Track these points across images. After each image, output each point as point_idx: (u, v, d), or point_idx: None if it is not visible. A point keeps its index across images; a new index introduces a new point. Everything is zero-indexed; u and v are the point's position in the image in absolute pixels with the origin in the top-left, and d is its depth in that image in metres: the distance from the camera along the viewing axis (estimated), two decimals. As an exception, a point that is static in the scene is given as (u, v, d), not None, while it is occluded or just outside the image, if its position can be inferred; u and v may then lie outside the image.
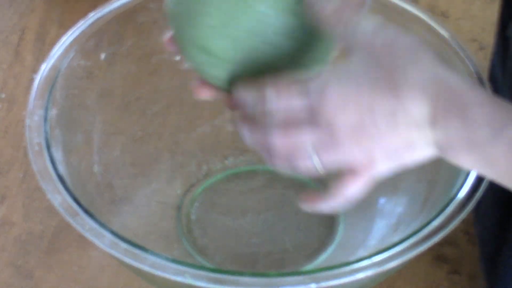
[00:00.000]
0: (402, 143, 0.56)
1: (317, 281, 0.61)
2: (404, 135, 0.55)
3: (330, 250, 0.82)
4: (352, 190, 0.59)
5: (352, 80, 0.55)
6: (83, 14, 0.84)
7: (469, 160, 0.54)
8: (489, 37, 0.87)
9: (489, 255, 0.79)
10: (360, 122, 0.55)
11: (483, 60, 1.01)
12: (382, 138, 0.55)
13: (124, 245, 0.64)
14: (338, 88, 0.55)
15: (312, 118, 0.56)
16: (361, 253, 0.64)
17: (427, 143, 0.55)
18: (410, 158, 0.57)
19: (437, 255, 0.87)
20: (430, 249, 0.86)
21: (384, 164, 0.57)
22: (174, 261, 0.63)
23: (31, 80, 0.77)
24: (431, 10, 1.15)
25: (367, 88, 0.55)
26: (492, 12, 0.87)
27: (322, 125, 0.56)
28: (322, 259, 0.80)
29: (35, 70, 0.80)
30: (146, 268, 0.63)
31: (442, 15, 1.14)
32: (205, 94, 0.65)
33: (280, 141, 0.58)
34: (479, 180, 0.68)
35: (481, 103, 0.53)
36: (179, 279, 0.62)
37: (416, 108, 0.54)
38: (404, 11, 0.85)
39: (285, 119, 0.57)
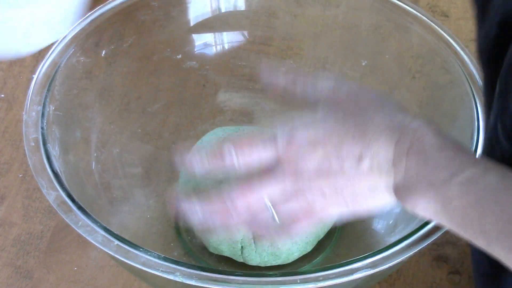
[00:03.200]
0: (366, 187, 0.57)
1: (315, 281, 0.61)
2: (369, 179, 0.57)
3: (327, 250, 0.81)
4: (301, 229, 0.60)
5: (320, 127, 0.57)
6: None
7: (425, 204, 0.55)
8: (489, 37, 0.87)
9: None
10: (327, 166, 0.56)
11: (484, 60, 1.01)
12: (348, 182, 0.57)
13: (116, 243, 0.64)
14: (306, 134, 0.56)
15: (278, 167, 0.57)
16: (359, 253, 0.64)
17: (388, 187, 0.57)
18: (371, 202, 0.58)
19: (437, 255, 0.87)
20: (430, 249, 0.86)
21: (343, 207, 0.58)
22: (166, 259, 0.63)
23: (31, 80, 0.77)
24: (431, 10, 1.15)
25: (336, 134, 0.56)
26: (492, 12, 0.87)
27: (288, 172, 0.57)
28: (319, 260, 0.80)
29: (34, 70, 0.80)
30: (137, 266, 0.63)
31: (442, 15, 1.14)
32: None
33: (240, 203, 0.59)
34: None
35: (441, 146, 0.55)
36: (170, 277, 0.62)
37: (383, 151, 0.56)
38: (404, 11, 0.85)
39: (246, 174, 0.59)
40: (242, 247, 0.77)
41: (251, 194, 0.59)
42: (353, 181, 0.57)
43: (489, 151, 0.61)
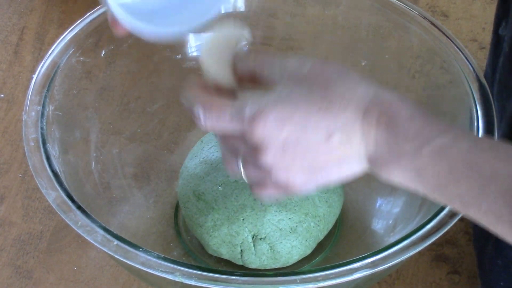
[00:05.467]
0: (335, 159, 0.56)
1: (314, 281, 0.61)
2: (339, 151, 0.56)
3: (327, 250, 0.81)
4: (268, 197, 0.60)
5: (286, 103, 0.56)
6: (82, 13, 0.84)
7: (399, 173, 0.55)
8: (489, 37, 0.87)
9: (479, 251, 0.80)
10: (294, 142, 0.56)
11: (483, 60, 1.01)
12: (316, 155, 0.56)
13: (116, 242, 0.64)
14: (272, 111, 0.56)
15: (246, 140, 0.57)
16: (359, 253, 0.64)
17: (359, 157, 0.56)
18: (340, 173, 0.57)
19: (437, 255, 0.87)
20: (430, 249, 0.86)
21: (310, 178, 0.58)
22: (165, 259, 0.63)
23: (31, 80, 0.77)
24: (431, 10, 1.15)
25: (303, 107, 0.56)
26: (492, 12, 0.87)
27: (255, 143, 0.56)
28: (319, 260, 0.80)
29: (34, 70, 0.80)
30: (137, 265, 0.62)
31: (442, 15, 1.14)
32: (119, 31, 0.67)
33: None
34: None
35: (411, 116, 0.55)
36: (170, 277, 0.62)
37: (351, 122, 0.55)
38: (404, 11, 0.85)
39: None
40: (241, 250, 0.77)
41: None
42: (322, 154, 0.56)
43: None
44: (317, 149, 0.56)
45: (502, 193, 0.51)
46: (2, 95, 1.03)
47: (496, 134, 0.73)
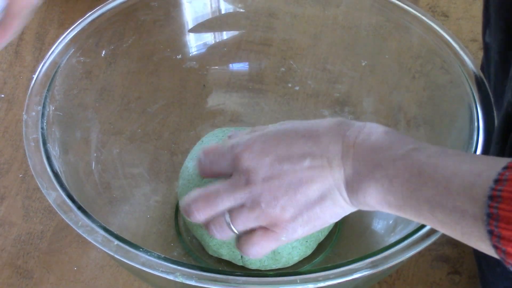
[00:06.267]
0: (318, 188, 0.60)
1: (314, 281, 0.61)
2: (321, 176, 0.59)
3: (327, 250, 0.81)
4: (257, 253, 0.63)
5: (271, 135, 0.62)
6: (83, 14, 0.84)
7: (373, 187, 0.58)
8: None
9: (478, 257, 0.80)
10: (279, 170, 0.60)
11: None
12: (300, 183, 0.60)
13: (116, 242, 0.64)
14: (258, 142, 0.61)
15: (233, 177, 0.62)
16: (359, 253, 0.64)
17: (337, 184, 0.59)
18: (322, 207, 0.60)
19: (437, 255, 0.87)
20: (430, 249, 0.86)
21: (297, 213, 0.60)
22: (166, 259, 0.63)
23: (31, 80, 0.77)
24: (431, 10, 1.15)
25: (286, 138, 0.61)
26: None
27: (241, 182, 0.61)
28: (320, 260, 0.80)
29: (34, 70, 0.80)
30: (137, 266, 0.63)
31: (442, 15, 1.14)
32: None
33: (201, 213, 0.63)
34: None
35: (385, 133, 0.59)
36: (170, 277, 0.62)
37: (332, 145, 0.60)
38: (404, 11, 0.85)
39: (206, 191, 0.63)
40: None
41: (210, 209, 0.63)
42: (306, 180, 0.60)
43: (505, 128, 0.65)
44: (301, 175, 0.59)
45: (465, 188, 0.53)
46: (2, 95, 1.03)
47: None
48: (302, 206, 0.60)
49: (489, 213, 0.51)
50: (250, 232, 0.62)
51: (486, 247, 0.53)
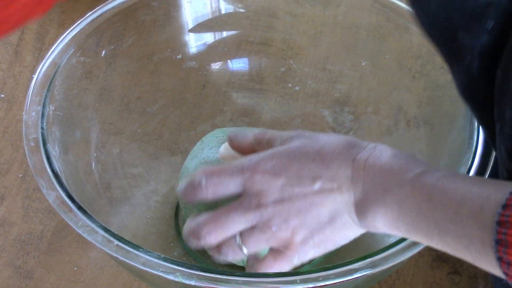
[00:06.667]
0: (328, 211, 0.60)
1: (314, 281, 0.61)
2: (331, 200, 0.59)
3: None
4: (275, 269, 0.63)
5: (282, 155, 0.61)
6: (82, 14, 0.84)
7: (382, 212, 0.57)
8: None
9: None
10: (289, 193, 0.60)
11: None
12: (311, 206, 0.60)
13: (116, 243, 0.64)
14: (269, 163, 0.61)
15: (244, 199, 0.61)
16: (359, 253, 0.64)
17: (348, 207, 0.59)
18: (334, 229, 0.60)
19: (437, 255, 0.87)
20: (430, 250, 0.86)
21: (308, 235, 0.61)
22: (166, 259, 0.63)
23: (31, 80, 0.77)
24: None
25: (296, 160, 0.60)
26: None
27: (253, 204, 0.60)
28: (319, 260, 0.80)
29: (34, 70, 0.80)
30: (137, 266, 0.63)
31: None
32: None
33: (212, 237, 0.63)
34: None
35: (394, 154, 0.59)
36: (170, 277, 0.62)
37: (342, 169, 0.59)
38: (404, 11, 0.85)
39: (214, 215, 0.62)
40: None
41: (221, 232, 0.62)
42: (316, 204, 0.60)
43: (495, 173, 0.64)
44: (311, 198, 0.59)
45: (473, 213, 0.52)
46: (2, 95, 1.03)
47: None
48: (313, 229, 0.60)
49: (498, 239, 0.50)
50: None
51: (497, 272, 0.52)
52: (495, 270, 0.52)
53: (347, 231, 0.61)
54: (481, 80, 0.58)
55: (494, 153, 0.71)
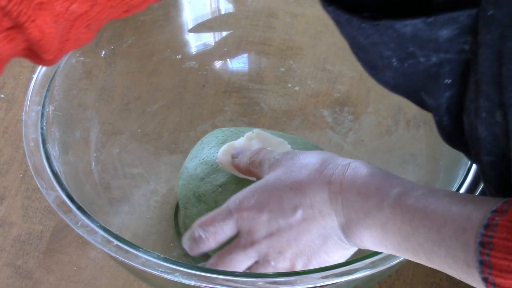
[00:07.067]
0: (316, 235, 0.61)
1: (314, 281, 0.61)
2: (316, 225, 0.60)
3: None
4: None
5: (263, 189, 0.63)
6: (82, 13, 0.84)
7: (368, 233, 0.58)
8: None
9: None
10: (276, 226, 0.61)
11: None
12: (298, 235, 0.61)
13: (116, 243, 0.64)
14: (252, 199, 0.62)
15: (240, 238, 0.63)
16: (359, 253, 0.64)
17: (335, 230, 0.60)
18: (327, 253, 0.61)
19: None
20: (430, 249, 0.86)
21: (307, 263, 0.62)
22: (166, 259, 0.63)
23: (31, 80, 0.76)
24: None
25: (275, 192, 0.62)
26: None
27: (248, 242, 0.62)
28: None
29: (34, 70, 0.79)
30: (137, 266, 0.63)
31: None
32: None
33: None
34: (475, 183, 0.68)
35: (369, 175, 0.59)
36: (170, 277, 0.62)
37: (319, 194, 0.60)
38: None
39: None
40: None
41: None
42: (302, 233, 0.61)
43: None
44: (297, 228, 0.61)
45: (455, 233, 0.52)
46: (2, 95, 1.03)
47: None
48: (309, 255, 0.61)
49: (482, 260, 0.50)
50: None
51: None
52: None
53: (342, 250, 0.62)
54: (455, 130, 0.58)
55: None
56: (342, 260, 0.62)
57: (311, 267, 0.62)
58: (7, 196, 0.93)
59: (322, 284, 0.61)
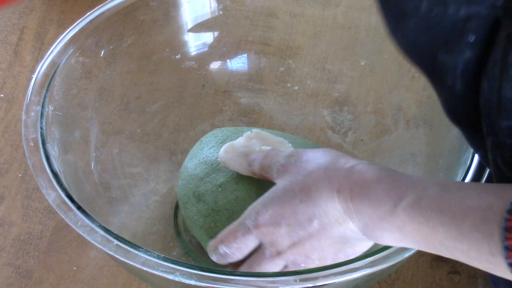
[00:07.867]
0: (336, 238, 0.61)
1: (314, 280, 0.61)
2: (334, 231, 0.61)
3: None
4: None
5: (274, 201, 0.63)
6: (82, 14, 0.84)
7: (387, 235, 0.58)
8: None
9: None
10: (297, 237, 0.62)
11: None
12: (320, 242, 0.62)
13: (116, 242, 0.64)
14: (266, 213, 0.63)
15: (264, 249, 0.64)
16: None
17: (354, 232, 0.60)
18: (350, 250, 0.62)
19: (437, 255, 0.86)
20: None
21: (336, 260, 0.63)
22: (165, 259, 0.63)
23: (30, 80, 0.77)
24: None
25: (287, 204, 0.62)
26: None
27: (273, 253, 0.63)
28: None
29: (34, 70, 0.80)
30: (137, 265, 0.63)
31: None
32: None
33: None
34: (475, 182, 0.68)
35: (378, 178, 0.59)
36: (170, 277, 0.62)
37: (330, 203, 0.60)
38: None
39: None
40: None
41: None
42: (323, 238, 0.61)
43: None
44: (317, 236, 0.61)
45: (476, 226, 0.52)
46: (2, 95, 1.03)
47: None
48: (334, 253, 0.62)
49: (508, 245, 0.50)
50: None
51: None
52: (510, 275, 0.52)
53: (365, 242, 0.62)
54: (465, 100, 0.57)
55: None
56: (363, 250, 0.63)
57: (339, 261, 0.63)
58: (7, 196, 0.93)
59: (322, 283, 0.61)
